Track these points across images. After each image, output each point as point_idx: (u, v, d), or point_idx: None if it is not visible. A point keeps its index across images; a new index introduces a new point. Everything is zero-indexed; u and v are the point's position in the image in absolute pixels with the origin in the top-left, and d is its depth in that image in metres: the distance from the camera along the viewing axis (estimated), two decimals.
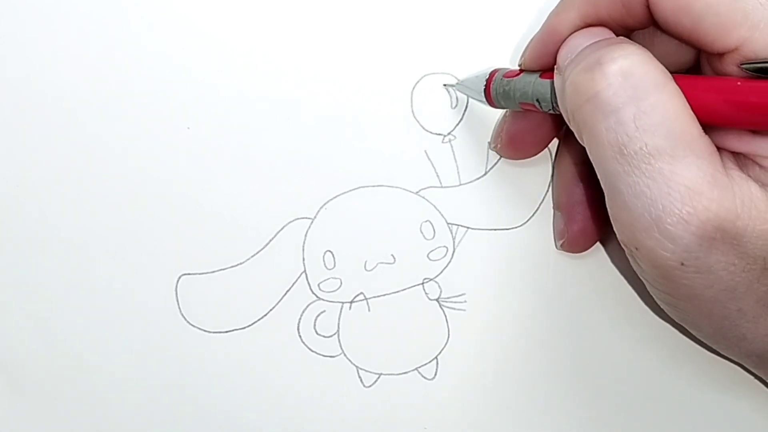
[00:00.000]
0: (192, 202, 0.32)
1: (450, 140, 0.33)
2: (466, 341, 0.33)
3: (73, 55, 0.32)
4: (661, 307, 0.28)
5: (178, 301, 0.32)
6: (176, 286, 0.32)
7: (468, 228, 0.33)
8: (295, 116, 0.32)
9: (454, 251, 0.33)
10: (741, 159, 0.25)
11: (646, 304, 0.33)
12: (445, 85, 0.32)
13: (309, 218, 0.32)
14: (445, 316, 0.33)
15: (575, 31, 0.27)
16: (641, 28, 0.27)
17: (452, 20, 0.32)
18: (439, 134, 0.33)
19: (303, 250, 0.32)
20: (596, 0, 0.26)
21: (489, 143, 0.32)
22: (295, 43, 0.32)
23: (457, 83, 0.32)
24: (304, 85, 0.32)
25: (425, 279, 0.33)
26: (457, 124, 0.32)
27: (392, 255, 0.33)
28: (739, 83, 0.23)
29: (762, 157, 0.24)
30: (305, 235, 0.32)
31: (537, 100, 0.28)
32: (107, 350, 0.32)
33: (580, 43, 0.26)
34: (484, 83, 0.30)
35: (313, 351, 0.32)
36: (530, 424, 0.33)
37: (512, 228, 0.33)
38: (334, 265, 0.32)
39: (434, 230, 0.33)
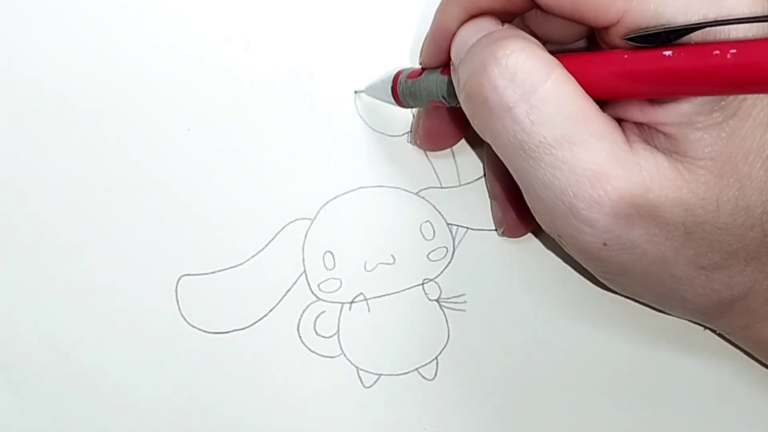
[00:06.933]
0: (192, 203, 0.32)
1: None
2: (466, 342, 0.33)
3: (73, 57, 0.32)
4: (603, 282, 0.29)
5: (178, 301, 0.32)
6: (176, 287, 0.32)
7: (468, 228, 0.33)
8: (295, 117, 0.32)
9: (454, 252, 0.33)
10: (645, 129, 0.25)
11: (588, 279, 0.33)
12: (355, 91, 0.32)
13: (309, 219, 0.32)
14: (445, 317, 0.33)
15: (462, 25, 0.27)
16: (524, 12, 0.27)
17: None
18: None
19: (303, 250, 0.32)
20: None
21: (408, 139, 0.32)
22: (295, 45, 0.32)
23: (366, 88, 0.32)
24: (303, 85, 0.32)
25: (425, 279, 0.33)
26: None
27: (392, 255, 0.33)
28: (625, 56, 0.23)
29: (663, 124, 0.24)
30: (305, 236, 0.32)
31: (443, 97, 0.28)
32: (107, 351, 0.32)
33: (467, 39, 0.26)
34: (391, 86, 0.30)
35: (313, 351, 0.32)
36: (530, 424, 0.33)
37: None
38: (334, 266, 0.32)
39: (434, 231, 0.33)
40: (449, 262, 0.33)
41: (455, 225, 0.33)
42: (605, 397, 0.33)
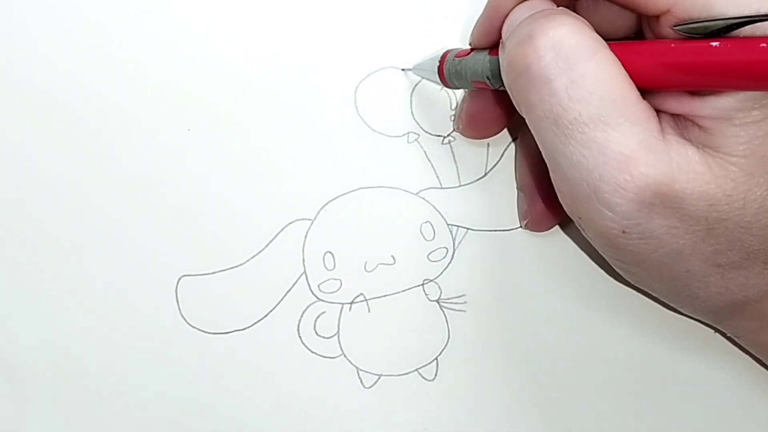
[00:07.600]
0: (192, 204, 0.32)
1: (450, 141, 0.33)
2: (466, 342, 0.33)
3: (73, 57, 0.32)
4: (617, 271, 0.28)
5: (178, 302, 0.32)
6: (176, 288, 0.32)
7: (468, 229, 0.33)
8: (296, 117, 0.32)
9: (454, 252, 0.33)
10: (681, 121, 0.25)
11: (607, 272, 0.33)
12: (403, 69, 0.32)
13: (309, 219, 0.32)
14: (445, 317, 0.33)
15: (517, 5, 0.27)
16: None
17: (452, 22, 0.32)
18: (439, 135, 0.33)
19: (303, 251, 0.32)
20: None
21: (452, 124, 0.32)
22: (295, 45, 0.32)
23: (413, 66, 0.32)
24: (303, 86, 0.32)
25: (425, 280, 0.33)
26: None
27: (392, 256, 0.33)
28: (672, 45, 0.23)
29: (701, 117, 0.24)
30: (305, 236, 0.32)
31: (488, 78, 0.28)
32: (107, 351, 0.32)
33: (519, 17, 0.26)
34: (438, 65, 0.30)
35: (313, 352, 0.32)
36: (531, 424, 0.33)
37: (512, 229, 0.33)
38: (334, 266, 0.32)
39: (434, 231, 0.33)
40: (449, 263, 0.33)
41: (455, 225, 0.33)
42: (606, 398, 0.33)
